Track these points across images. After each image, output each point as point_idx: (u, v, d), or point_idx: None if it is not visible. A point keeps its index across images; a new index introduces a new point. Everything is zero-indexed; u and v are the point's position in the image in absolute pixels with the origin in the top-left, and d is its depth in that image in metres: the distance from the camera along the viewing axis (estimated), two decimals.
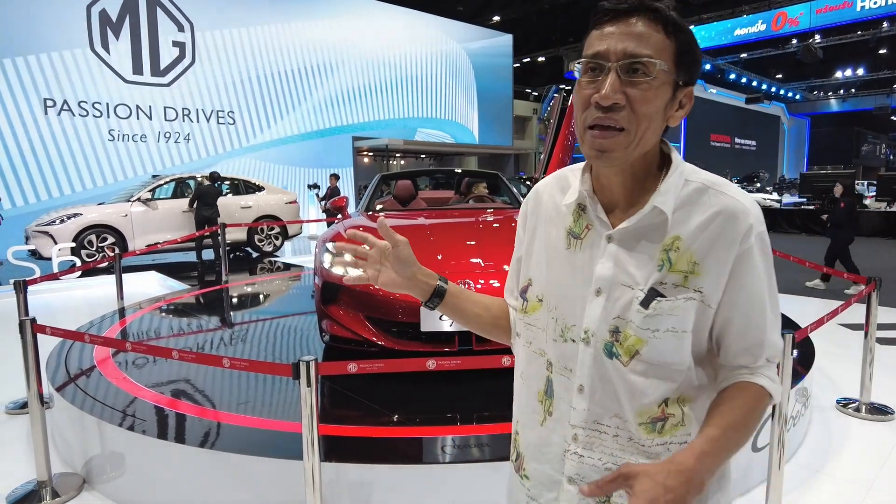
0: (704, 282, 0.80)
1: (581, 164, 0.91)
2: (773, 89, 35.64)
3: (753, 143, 39.97)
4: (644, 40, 0.77)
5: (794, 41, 22.99)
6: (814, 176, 16.34)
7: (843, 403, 3.39)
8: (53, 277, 4.43)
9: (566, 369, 0.88)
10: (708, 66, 27.60)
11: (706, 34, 20.15)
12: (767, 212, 15.75)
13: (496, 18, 23.10)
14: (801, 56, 18.76)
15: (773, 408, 2.17)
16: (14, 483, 2.56)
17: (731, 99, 35.73)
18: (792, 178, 35.19)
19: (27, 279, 3.55)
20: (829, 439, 3.01)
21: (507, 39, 20.19)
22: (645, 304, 0.81)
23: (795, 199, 17.05)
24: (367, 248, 0.93)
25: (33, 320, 2.53)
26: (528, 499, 0.95)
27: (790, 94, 38.92)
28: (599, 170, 0.87)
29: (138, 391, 2.86)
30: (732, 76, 29.56)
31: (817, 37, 22.38)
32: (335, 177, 11.76)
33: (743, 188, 23.76)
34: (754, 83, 31.88)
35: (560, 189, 0.94)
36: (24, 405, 2.99)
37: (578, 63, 0.82)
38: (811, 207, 14.84)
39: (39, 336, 2.55)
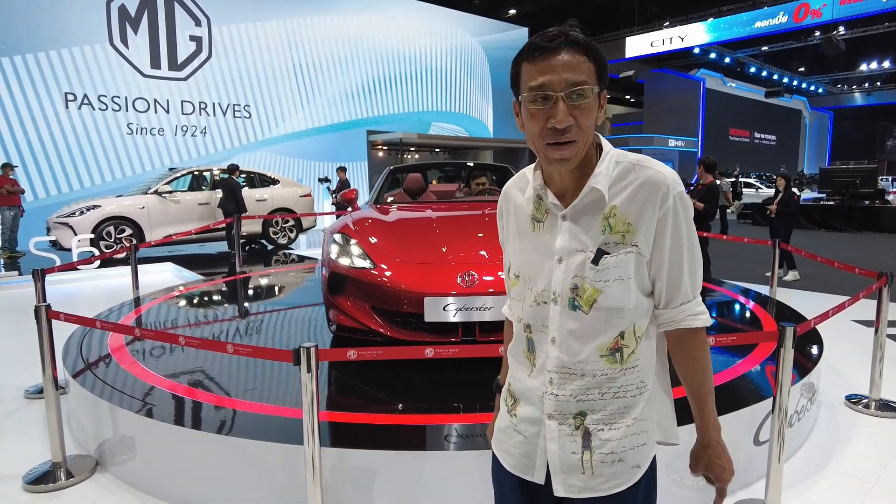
0: (638, 238, 1.00)
1: (534, 164, 1.11)
2: (795, 83, 34.94)
3: (773, 137, 39.22)
4: (577, 69, 0.95)
5: (818, 33, 22.48)
6: (835, 171, 15.91)
7: (853, 400, 3.36)
8: (72, 267, 4.53)
9: (543, 326, 1.07)
10: (727, 59, 27.13)
11: (725, 27, 19.78)
12: None
13: (512, 12, 22.96)
14: (823, 49, 18.37)
15: (773, 402, 2.17)
16: (32, 463, 2.65)
17: (750, 93, 35.06)
18: (812, 173, 34.49)
19: (45, 268, 3.65)
20: (835, 435, 2.99)
21: (522, 33, 20.05)
22: (595, 261, 1.01)
23: (815, 194, 16.72)
24: None
25: (48, 307, 2.61)
26: (516, 433, 1.13)
27: (812, 88, 38.10)
28: (550, 168, 1.05)
29: (150, 378, 2.93)
30: (752, 69, 29.03)
31: (841, 28, 21.87)
32: (342, 169, 11.83)
33: (763, 184, 23.34)
34: (775, 76, 31.27)
35: (521, 185, 1.14)
36: (42, 390, 3.08)
37: (526, 94, 0.97)
38: (831, 203, 14.53)
39: (59, 324, 2.64)
